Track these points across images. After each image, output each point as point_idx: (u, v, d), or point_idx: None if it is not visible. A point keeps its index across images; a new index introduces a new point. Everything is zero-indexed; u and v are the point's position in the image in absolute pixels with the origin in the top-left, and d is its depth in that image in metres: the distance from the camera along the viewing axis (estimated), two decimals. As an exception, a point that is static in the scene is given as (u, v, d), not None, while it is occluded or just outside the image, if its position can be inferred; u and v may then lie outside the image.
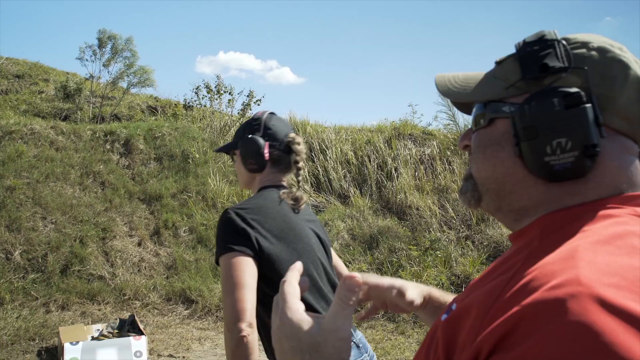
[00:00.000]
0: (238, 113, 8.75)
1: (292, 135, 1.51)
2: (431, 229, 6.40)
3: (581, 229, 0.54)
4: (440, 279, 5.40)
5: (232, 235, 1.28)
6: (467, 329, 0.54)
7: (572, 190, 0.58)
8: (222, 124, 8.22)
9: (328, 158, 7.64)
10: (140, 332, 3.97)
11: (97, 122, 8.49)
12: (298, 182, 1.53)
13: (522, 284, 0.49)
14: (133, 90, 9.85)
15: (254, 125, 1.49)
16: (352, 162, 7.68)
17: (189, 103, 9.25)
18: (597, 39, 0.62)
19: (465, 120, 9.24)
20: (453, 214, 6.64)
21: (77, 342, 3.65)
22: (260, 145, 1.45)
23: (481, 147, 0.65)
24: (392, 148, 7.83)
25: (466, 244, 6.07)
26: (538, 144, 0.58)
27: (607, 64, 0.59)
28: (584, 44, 0.61)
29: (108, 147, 7.11)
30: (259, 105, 8.81)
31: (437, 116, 9.61)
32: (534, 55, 0.60)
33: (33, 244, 5.24)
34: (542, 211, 0.60)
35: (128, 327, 4.12)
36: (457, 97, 0.68)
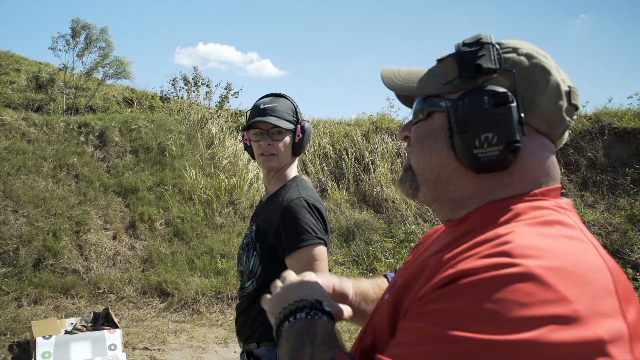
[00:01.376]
0: (215, 105, 8.68)
1: None
2: (406, 222, 6.51)
3: (516, 218, 0.61)
4: (415, 271, 5.51)
5: (320, 227, 1.38)
6: (412, 295, 0.62)
7: (500, 182, 0.65)
8: (199, 116, 8.15)
9: (306, 151, 7.67)
10: (114, 326, 3.96)
11: (70, 113, 8.32)
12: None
13: (461, 257, 0.57)
14: (108, 82, 9.67)
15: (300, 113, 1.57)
16: (330, 156, 7.73)
17: (165, 95, 9.14)
18: (526, 46, 0.68)
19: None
20: (428, 207, 6.75)
21: (50, 336, 3.63)
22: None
23: (419, 140, 0.70)
24: (369, 142, 7.90)
25: (440, 236, 6.20)
26: (468, 137, 0.63)
27: (532, 69, 0.66)
28: (515, 49, 0.67)
29: (82, 139, 7.00)
30: (236, 97, 8.78)
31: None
32: (470, 56, 0.66)
33: (4, 238, 5.15)
34: (475, 202, 0.66)
35: (102, 321, 4.10)
36: (400, 89, 0.73)
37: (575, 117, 0.69)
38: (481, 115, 0.63)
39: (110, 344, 3.74)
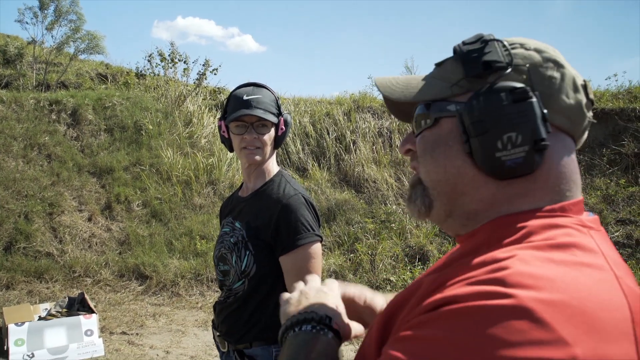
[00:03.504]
0: (193, 82, 8.45)
1: None
2: (387, 202, 6.51)
3: (526, 239, 0.54)
4: (395, 251, 5.54)
5: (317, 224, 1.39)
6: (402, 316, 0.57)
7: (522, 190, 0.58)
8: (176, 93, 7.93)
9: (286, 130, 7.56)
10: (90, 311, 3.88)
11: (41, 90, 8.00)
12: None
13: (452, 281, 0.51)
14: (81, 57, 9.32)
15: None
16: (311, 135, 7.63)
17: (141, 71, 8.85)
18: (532, 41, 0.63)
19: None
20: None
21: (23, 323, 3.53)
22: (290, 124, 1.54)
23: (428, 149, 0.63)
24: (351, 121, 7.82)
25: (421, 216, 6.22)
26: (489, 139, 0.57)
27: (545, 64, 0.60)
28: (522, 45, 0.62)
29: (54, 117, 6.75)
30: (215, 74, 8.55)
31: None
32: (475, 54, 0.60)
33: (-27, 221, 4.97)
34: (490, 213, 0.60)
35: (78, 306, 4.01)
36: (401, 96, 0.65)
37: (592, 113, 0.63)
38: (501, 114, 0.57)
39: (87, 330, 3.67)
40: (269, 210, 1.37)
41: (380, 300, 0.84)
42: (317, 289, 0.75)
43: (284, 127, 1.47)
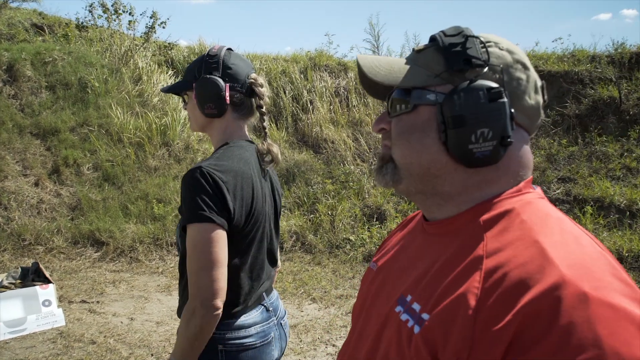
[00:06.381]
0: (141, 36, 7.96)
1: (254, 76, 1.36)
2: (345, 162, 6.59)
3: (520, 220, 0.62)
4: (354, 211, 5.67)
5: (209, 203, 1.15)
6: (455, 337, 0.56)
7: (488, 177, 0.67)
8: (123, 48, 7.46)
9: (242, 89, 7.36)
10: (46, 280, 3.75)
11: (-32, 41, 7.28)
12: (264, 128, 1.38)
13: (509, 285, 0.54)
14: (12, 4, 8.50)
15: (211, 64, 1.31)
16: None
17: (82, 23, 8.21)
18: (504, 41, 0.69)
19: (387, 52, 9.31)
20: (366, 147, 6.85)
21: (-26, 296, 3.38)
22: (220, 87, 1.29)
23: (405, 134, 0.69)
24: (307, 79, 7.71)
25: (378, 176, 6.35)
26: (465, 132, 0.64)
27: (514, 65, 0.67)
28: (496, 44, 0.68)
29: (-13, 73, 6.20)
30: (164, 28, 8.09)
31: (353, 47, 9.53)
32: (457, 48, 0.66)
33: None
34: (464, 199, 0.67)
35: (32, 276, 3.87)
36: (385, 80, 0.70)
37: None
38: (478, 111, 0.63)
39: (44, 300, 3.57)
40: None
41: None
42: None
43: (191, 91, 1.35)
